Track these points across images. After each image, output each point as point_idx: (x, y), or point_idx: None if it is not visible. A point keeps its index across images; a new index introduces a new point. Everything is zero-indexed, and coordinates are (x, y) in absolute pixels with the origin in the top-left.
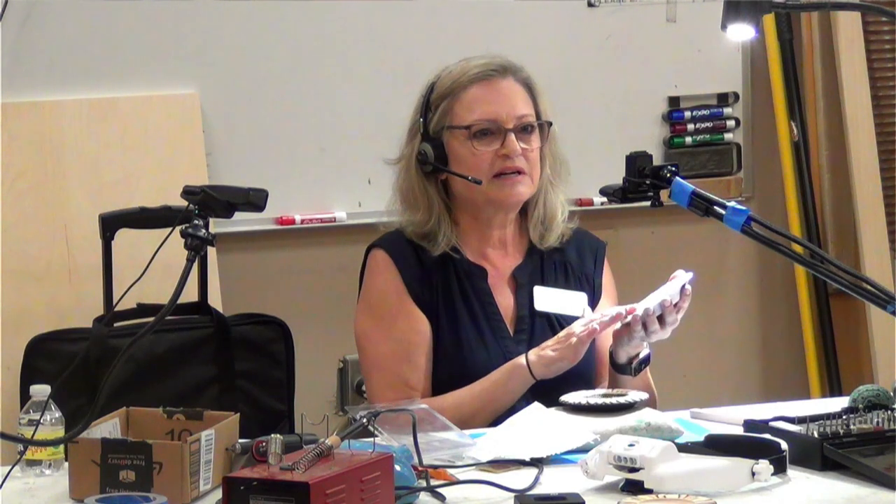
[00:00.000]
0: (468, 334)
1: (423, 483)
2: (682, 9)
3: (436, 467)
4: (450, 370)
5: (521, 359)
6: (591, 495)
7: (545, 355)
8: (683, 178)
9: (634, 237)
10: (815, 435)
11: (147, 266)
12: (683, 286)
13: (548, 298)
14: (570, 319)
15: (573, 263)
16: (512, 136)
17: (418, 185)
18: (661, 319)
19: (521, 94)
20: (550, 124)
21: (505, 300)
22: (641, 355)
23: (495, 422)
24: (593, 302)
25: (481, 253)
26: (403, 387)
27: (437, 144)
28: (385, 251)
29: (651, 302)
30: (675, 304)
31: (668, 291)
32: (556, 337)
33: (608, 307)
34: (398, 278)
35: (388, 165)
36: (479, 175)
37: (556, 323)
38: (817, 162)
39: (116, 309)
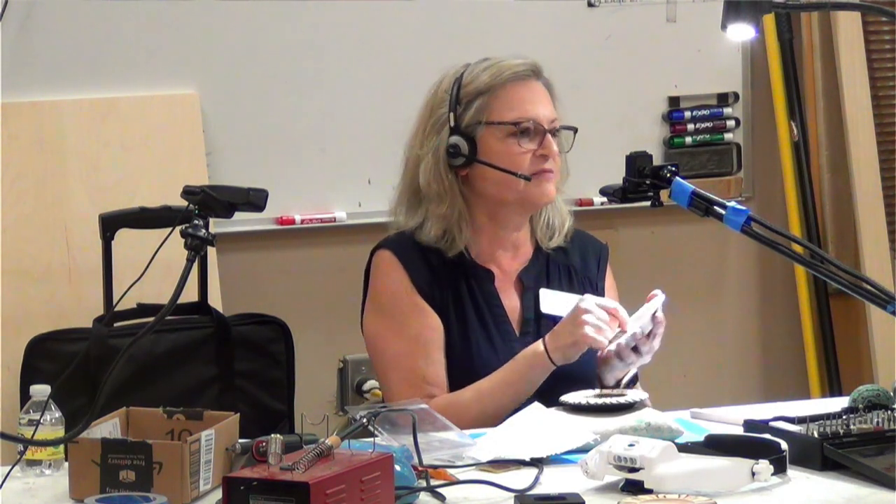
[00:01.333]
0: (477, 335)
1: (423, 483)
2: (682, 9)
3: (436, 467)
4: (460, 371)
5: (539, 345)
6: (591, 495)
7: (558, 340)
8: (683, 178)
9: (634, 237)
10: (815, 435)
11: (147, 266)
12: (654, 314)
13: (553, 301)
14: None
15: (577, 266)
16: (550, 137)
17: (446, 177)
18: (636, 349)
19: (548, 97)
20: (577, 130)
21: (511, 302)
22: (628, 377)
23: (500, 420)
24: None
25: (490, 254)
26: (422, 383)
27: (467, 139)
28: (391, 251)
29: (624, 336)
30: (649, 333)
31: (639, 322)
32: (568, 317)
33: None
34: (406, 277)
35: (388, 165)
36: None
37: None
38: (817, 162)
39: (116, 309)
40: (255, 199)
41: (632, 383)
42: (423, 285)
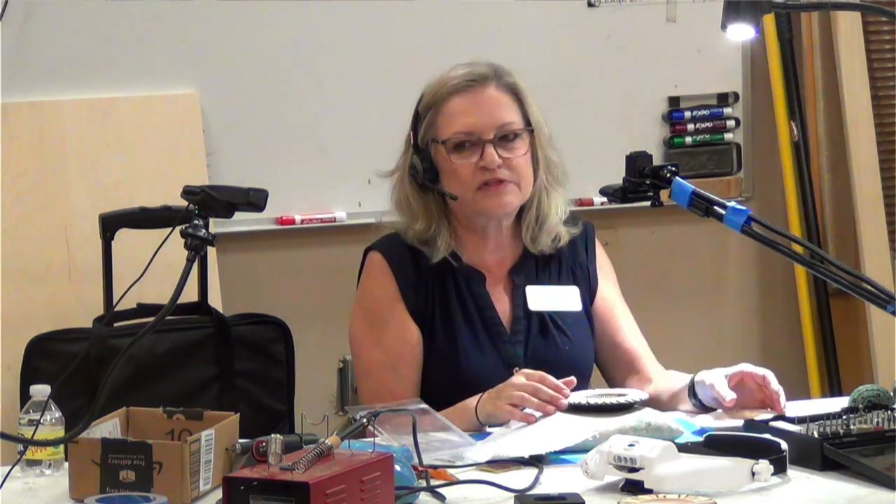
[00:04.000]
0: (464, 339)
1: (423, 483)
2: (682, 9)
3: (436, 467)
4: (446, 376)
5: (474, 399)
6: (591, 495)
7: (486, 406)
8: (683, 178)
9: (634, 237)
10: (815, 435)
11: (147, 266)
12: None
13: (541, 297)
14: (565, 315)
15: (566, 255)
16: (490, 148)
17: (414, 196)
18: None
19: (503, 100)
20: (533, 130)
21: (502, 303)
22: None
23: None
24: (590, 288)
25: (478, 257)
26: (388, 397)
27: (425, 157)
28: (382, 255)
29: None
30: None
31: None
32: (514, 383)
33: (610, 288)
34: (393, 284)
35: (388, 165)
36: (462, 188)
37: (549, 321)
38: (817, 162)
39: (116, 309)
40: (255, 199)
41: None
42: (409, 291)
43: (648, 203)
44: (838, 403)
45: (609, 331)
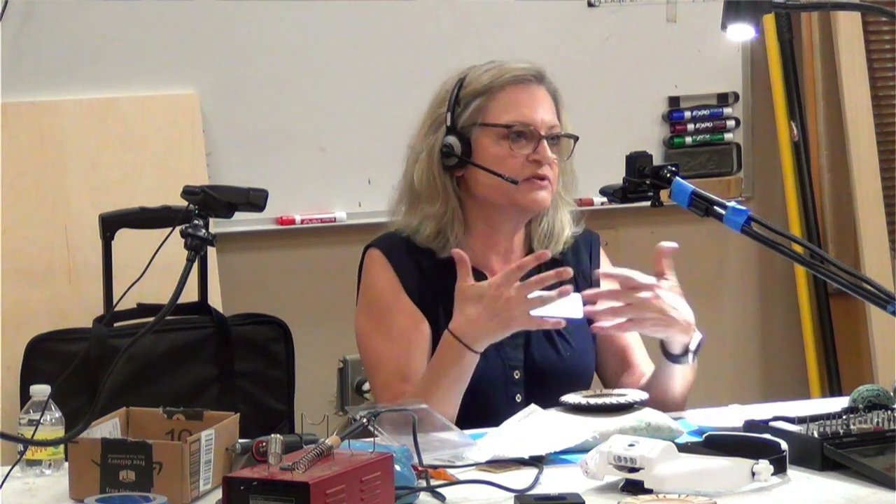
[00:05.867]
0: None
1: (423, 483)
2: (682, 9)
3: (436, 467)
4: None
5: (449, 336)
6: (591, 495)
7: (467, 314)
8: (683, 178)
9: (634, 237)
10: (815, 435)
11: (147, 266)
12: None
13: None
14: (567, 322)
15: (570, 262)
16: (545, 143)
17: (439, 177)
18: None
19: (550, 103)
20: (577, 139)
21: None
22: (695, 342)
23: (494, 423)
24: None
25: (482, 257)
26: (402, 383)
27: (463, 140)
28: (381, 251)
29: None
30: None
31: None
32: (479, 302)
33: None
34: (395, 277)
35: (388, 165)
36: (509, 175)
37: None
38: (817, 162)
39: (116, 309)
40: (255, 199)
41: (699, 347)
42: (411, 286)
43: (648, 203)
44: (838, 403)
45: (610, 341)
